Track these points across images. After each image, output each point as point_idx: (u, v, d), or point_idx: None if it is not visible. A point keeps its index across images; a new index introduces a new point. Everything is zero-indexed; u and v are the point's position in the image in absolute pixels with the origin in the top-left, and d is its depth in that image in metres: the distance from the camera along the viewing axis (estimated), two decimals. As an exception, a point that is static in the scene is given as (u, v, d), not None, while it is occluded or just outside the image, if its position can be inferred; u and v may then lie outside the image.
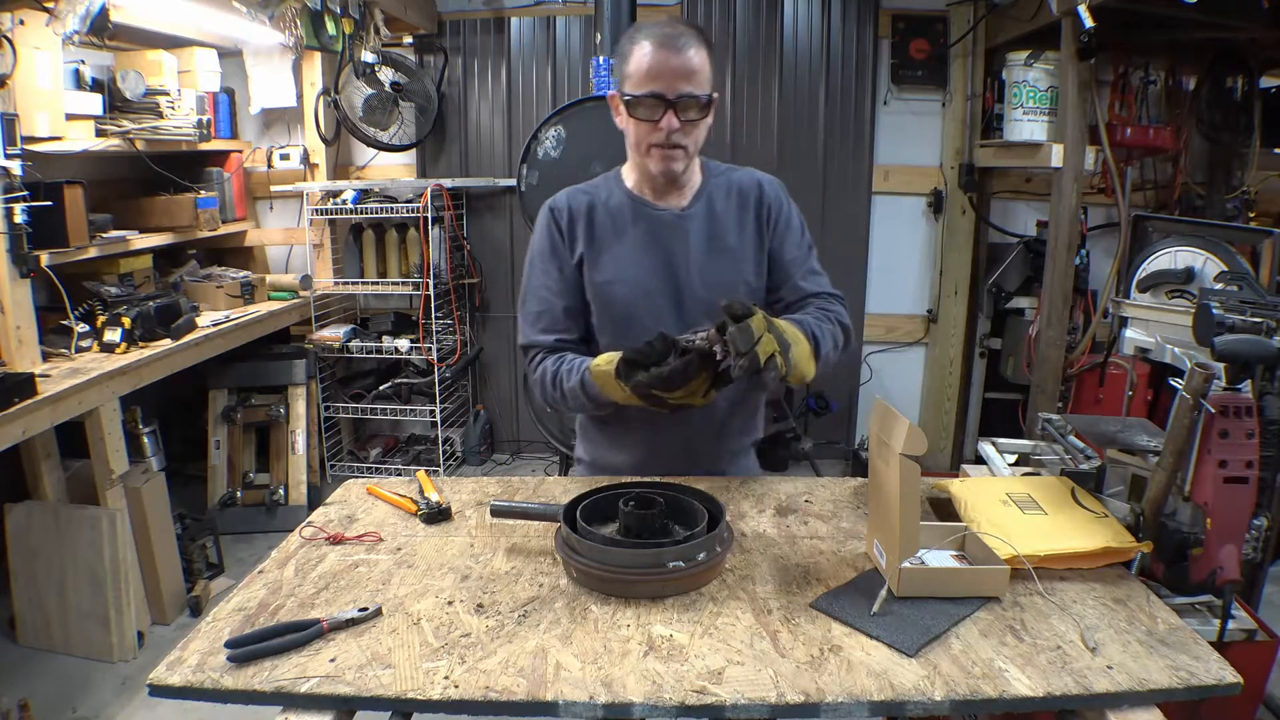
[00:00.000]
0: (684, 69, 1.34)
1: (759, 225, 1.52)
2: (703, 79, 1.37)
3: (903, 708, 0.88)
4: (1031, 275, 3.61)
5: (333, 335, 3.75)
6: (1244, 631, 1.30)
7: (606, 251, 1.49)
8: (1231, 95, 3.37)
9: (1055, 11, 2.84)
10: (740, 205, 1.52)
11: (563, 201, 1.52)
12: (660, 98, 1.35)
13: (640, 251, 1.48)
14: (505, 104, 3.98)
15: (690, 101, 1.36)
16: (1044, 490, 1.31)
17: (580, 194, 1.53)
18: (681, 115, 1.36)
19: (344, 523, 1.34)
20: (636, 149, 1.44)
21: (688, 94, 1.35)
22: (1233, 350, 1.15)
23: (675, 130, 1.37)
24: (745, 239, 1.51)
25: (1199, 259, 1.93)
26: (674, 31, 1.36)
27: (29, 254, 2.44)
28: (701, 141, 1.44)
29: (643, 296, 1.47)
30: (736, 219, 1.51)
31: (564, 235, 1.50)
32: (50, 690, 2.45)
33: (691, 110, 1.37)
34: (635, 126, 1.40)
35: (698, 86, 1.36)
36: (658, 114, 1.36)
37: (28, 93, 2.54)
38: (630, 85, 1.38)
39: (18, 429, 2.21)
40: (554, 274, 1.50)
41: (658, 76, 1.34)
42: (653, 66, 1.34)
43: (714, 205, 1.51)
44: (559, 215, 1.50)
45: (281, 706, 0.91)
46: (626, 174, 1.54)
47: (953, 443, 4.11)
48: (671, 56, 1.33)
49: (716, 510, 1.20)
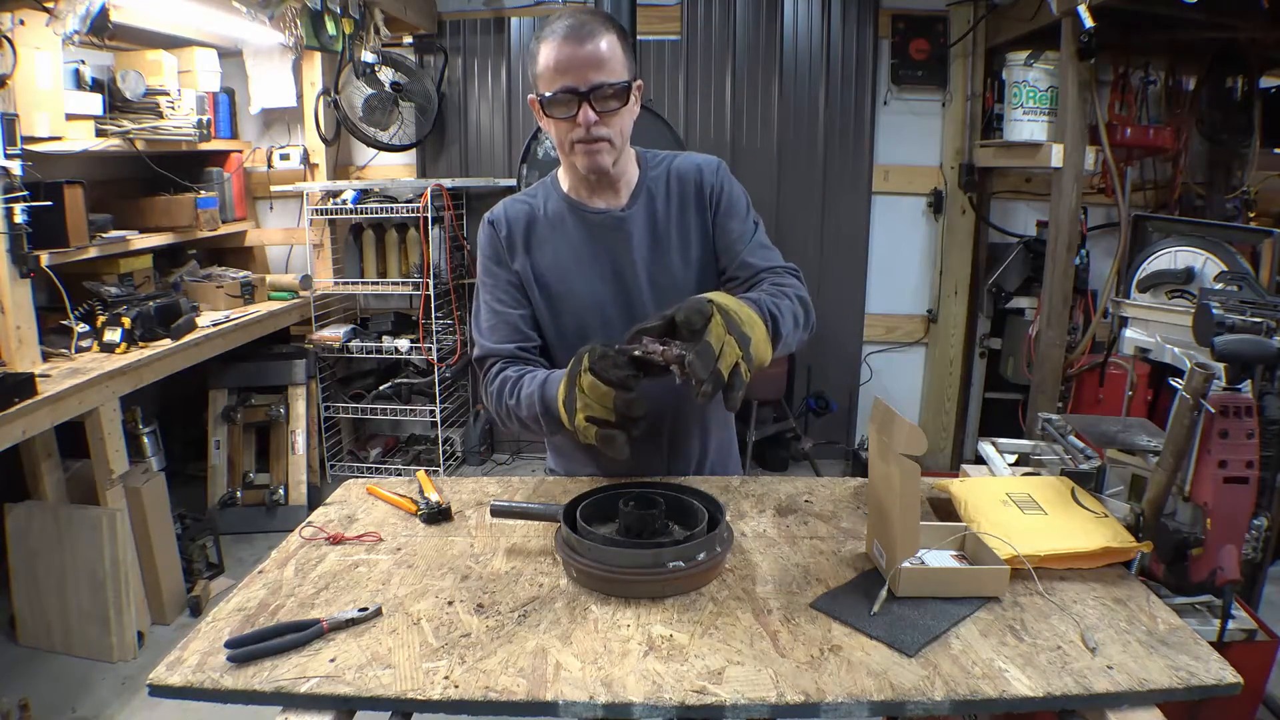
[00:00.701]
0: (593, 58, 1.29)
1: (701, 211, 1.46)
2: (616, 65, 1.31)
3: (903, 708, 0.88)
4: (1031, 275, 3.61)
5: (333, 335, 3.75)
6: (1244, 631, 1.31)
7: (549, 262, 1.44)
8: (1231, 95, 3.37)
9: (1055, 11, 2.84)
10: (681, 195, 1.47)
11: (500, 213, 1.48)
12: (573, 92, 1.30)
13: (584, 261, 1.44)
14: (505, 104, 3.98)
15: (605, 90, 1.30)
16: (1044, 490, 1.31)
17: (518, 203, 1.49)
18: (598, 106, 1.31)
19: (344, 523, 1.34)
20: (561, 149, 1.39)
21: (600, 83, 1.29)
22: (1233, 350, 1.15)
23: (594, 123, 1.31)
24: (689, 231, 1.46)
25: (1199, 259, 1.94)
26: (576, 22, 1.30)
27: (29, 254, 2.44)
28: (628, 131, 1.39)
29: (592, 307, 1.43)
30: (679, 212, 1.46)
31: (505, 247, 1.46)
32: (50, 690, 2.45)
33: (609, 100, 1.32)
34: (555, 127, 1.36)
35: (610, 74, 1.30)
36: (573, 109, 1.31)
37: (28, 93, 2.54)
38: (542, 85, 1.33)
39: (18, 429, 2.22)
40: (503, 286, 1.46)
41: (566, 70, 1.29)
42: (560, 61, 1.29)
43: (654, 202, 1.46)
44: (498, 227, 1.47)
45: (281, 706, 0.91)
46: (562, 177, 1.50)
47: (953, 443, 4.11)
48: (577, 48, 1.28)
49: (716, 510, 1.20)
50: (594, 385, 1.14)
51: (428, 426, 4.20)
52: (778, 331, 1.26)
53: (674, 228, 1.45)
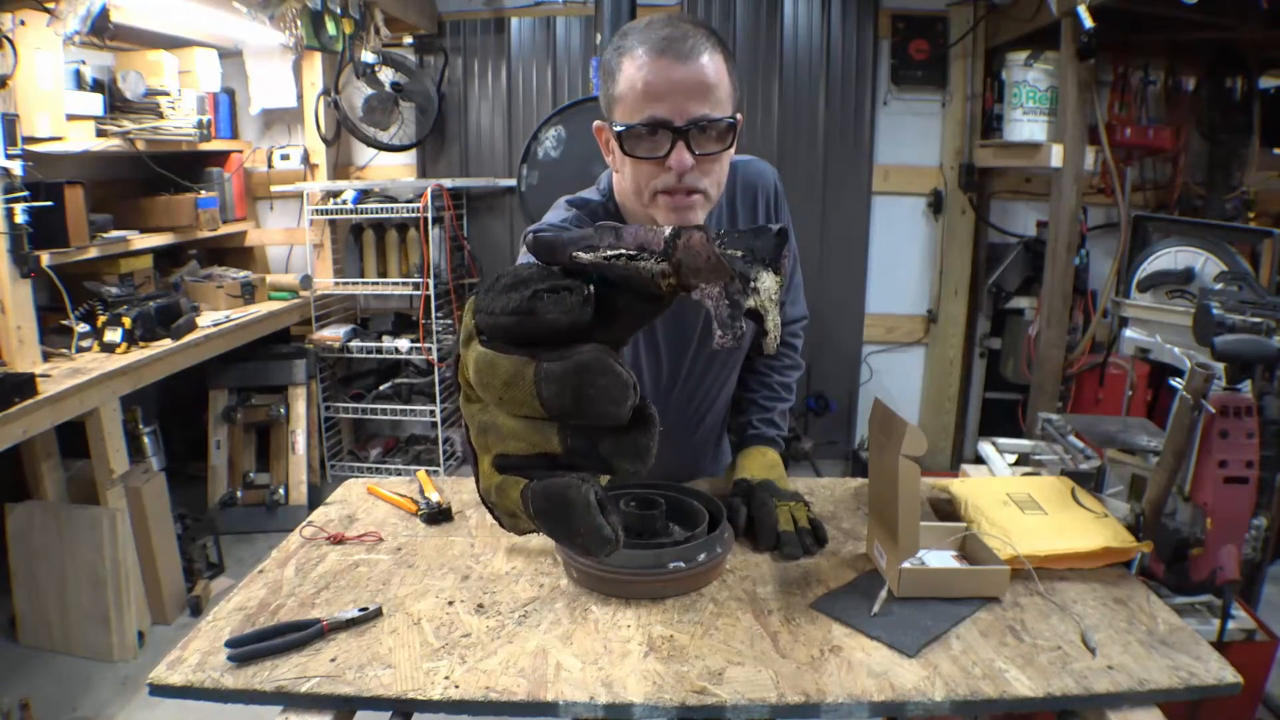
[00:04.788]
0: (697, 83, 0.99)
1: None
2: (722, 95, 1.01)
3: (903, 708, 0.88)
4: (1031, 275, 3.61)
5: (333, 335, 3.75)
6: (1244, 631, 1.31)
7: None
8: (1231, 95, 3.37)
9: (1055, 12, 2.84)
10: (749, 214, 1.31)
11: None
12: (665, 125, 1.00)
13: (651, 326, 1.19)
14: (505, 104, 3.98)
15: (708, 127, 1.01)
16: (1044, 490, 1.31)
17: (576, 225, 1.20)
18: (697, 149, 1.01)
19: (344, 522, 1.34)
20: (637, 196, 1.08)
21: (703, 117, 1.00)
22: (1233, 350, 1.15)
23: (688, 170, 1.01)
24: None
25: (1199, 259, 1.94)
26: (677, 33, 0.99)
27: (30, 254, 2.44)
28: (724, 182, 1.10)
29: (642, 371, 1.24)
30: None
31: None
32: (51, 690, 2.45)
33: (710, 142, 1.02)
34: (634, 169, 1.04)
35: (715, 107, 1.00)
36: (663, 148, 1.01)
37: (29, 93, 2.54)
38: (622, 112, 1.02)
39: (18, 429, 2.22)
40: None
41: (660, 96, 0.99)
42: (652, 83, 0.98)
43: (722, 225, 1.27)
44: None
45: (282, 706, 0.91)
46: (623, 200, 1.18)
47: (953, 443, 4.11)
48: (676, 67, 0.98)
49: (717, 511, 1.20)
50: (489, 366, 0.51)
51: (428, 426, 4.20)
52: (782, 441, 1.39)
53: None
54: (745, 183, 1.31)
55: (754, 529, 1.22)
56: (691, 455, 1.48)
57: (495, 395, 0.50)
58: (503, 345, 0.50)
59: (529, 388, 0.47)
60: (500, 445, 0.51)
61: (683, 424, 1.41)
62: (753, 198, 1.31)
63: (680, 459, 1.44)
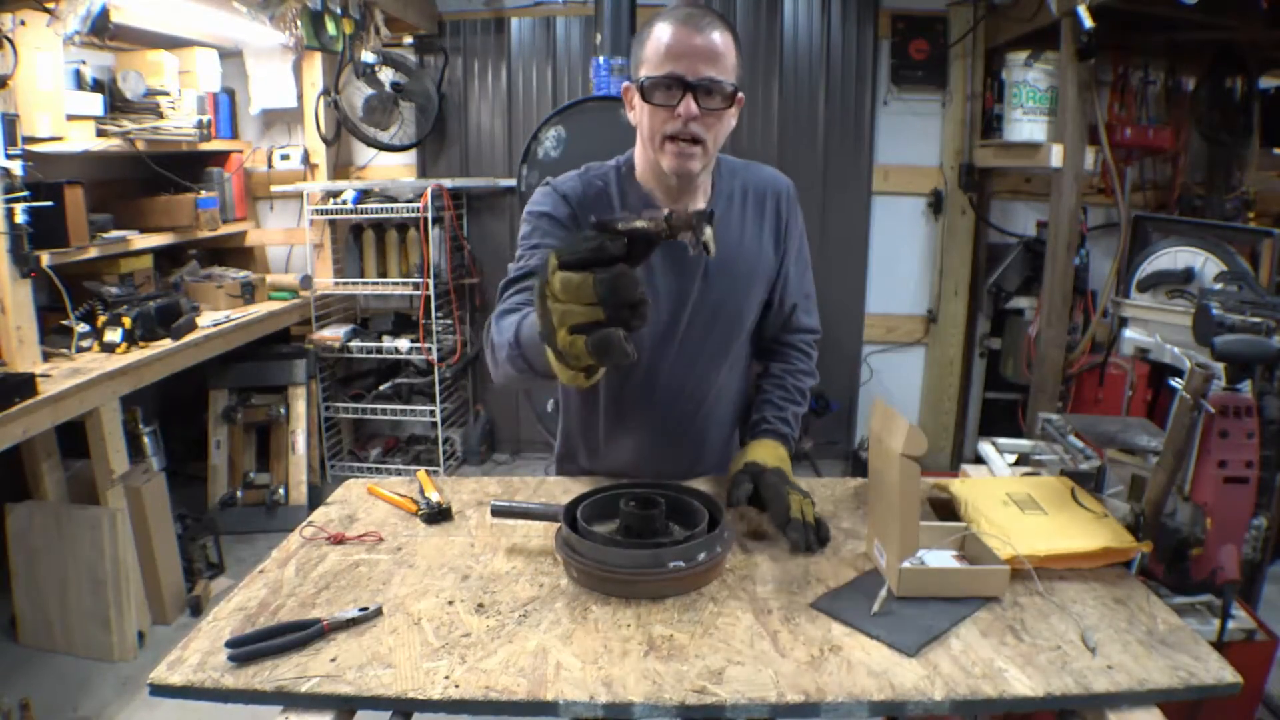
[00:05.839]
0: (707, 49, 1.22)
1: (776, 238, 1.43)
2: (727, 64, 1.24)
3: (903, 708, 0.88)
4: (1031, 275, 3.61)
5: (333, 335, 3.75)
6: (1244, 631, 1.31)
7: None
8: (1231, 96, 3.37)
9: (1055, 12, 2.84)
10: (757, 213, 1.41)
11: (574, 186, 1.38)
12: (679, 80, 1.22)
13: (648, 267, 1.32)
14: (505, 104, 3.98)
15: (713, 87, 1.23)
16: (1044, 490, 1.31)
17: (592, 182, 1.39)
18: (702, 103, 1.23)
19: (344, 522, 1.34)
20: (650, 142, 1.29)
21: (710, 78, 1.22)
22: (1233, 350, 1.15)
23: (694, 118, 1.23)
24: (761, 254, 1.41)
25: (1199, 259, 1.94)
26: (697, 13, 1.25)
27: (30, 254, 2.44)
28: (722, 140, 1.31)
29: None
30: (754, 230, 1.40)
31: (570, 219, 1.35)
32: (51, 690, 2.45)
33: (714, 98, 1.24)
34: (650, 115, 1.26)
35: (722, 72, 1.23)
36: (675, 98, 1.23)
37: (29, 93, 2.54)
38: (646, 67, 1.26)
39: (18, 429, 2.22)
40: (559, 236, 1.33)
41: (679, 56, 1.22)
42: (673, 45, 1.22)
43: (729, 213, 1.39)
44: (570, 200, 1.36)
45: (282, 706, 0.91)
46: (640, 172, 1.39)
47: (953, 443, 4.11)
48: (694, 35, 1.22)
49: (717, 510, 1.20)
50: (566, 281, 0.87)
51: (428, 426, 4.20)
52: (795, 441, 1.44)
53: (742, 249, 1.40)
54: (757, 185, 1.43)
55: (763, 504, 1.28)
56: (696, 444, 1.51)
57: (572, 294, 0.86)
58: (575, 270, 0.87)
59: (591, 287, 0.85)
60: (573, 319, 0.87)
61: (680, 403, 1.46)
62: (761, 199, 1.43)
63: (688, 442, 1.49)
